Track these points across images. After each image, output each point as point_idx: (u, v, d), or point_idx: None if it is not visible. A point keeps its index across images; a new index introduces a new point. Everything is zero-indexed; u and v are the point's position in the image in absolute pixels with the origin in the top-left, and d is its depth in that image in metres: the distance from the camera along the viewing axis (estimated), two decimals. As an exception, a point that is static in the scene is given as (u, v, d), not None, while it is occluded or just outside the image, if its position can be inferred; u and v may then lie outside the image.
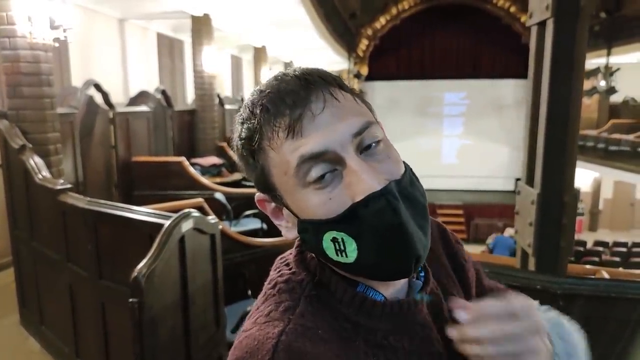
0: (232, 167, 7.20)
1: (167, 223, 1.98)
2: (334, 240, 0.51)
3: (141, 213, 2.50)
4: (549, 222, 1.83)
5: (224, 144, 7.62)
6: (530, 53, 1.92)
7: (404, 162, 0.56)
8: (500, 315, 0.48)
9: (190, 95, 8.67)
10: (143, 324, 1.71)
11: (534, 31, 1.83)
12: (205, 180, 5.83)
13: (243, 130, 0.55)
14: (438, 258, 0.68)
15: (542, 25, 1.78)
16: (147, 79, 7.74)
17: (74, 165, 4.70)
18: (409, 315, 0.56)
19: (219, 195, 5.24)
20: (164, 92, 6.37)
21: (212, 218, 2.42)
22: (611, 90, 11.19)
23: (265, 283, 0.60)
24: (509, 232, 8.15)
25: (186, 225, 2.05)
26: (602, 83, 10.95)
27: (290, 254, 0.62)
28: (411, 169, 0.56)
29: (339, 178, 0.51)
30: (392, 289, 0.57)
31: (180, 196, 5.01)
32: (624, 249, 10.77)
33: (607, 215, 15.18)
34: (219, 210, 4.85)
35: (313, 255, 0.58)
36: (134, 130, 5.77)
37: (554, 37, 1.68)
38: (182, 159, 5.79)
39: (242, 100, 9.96)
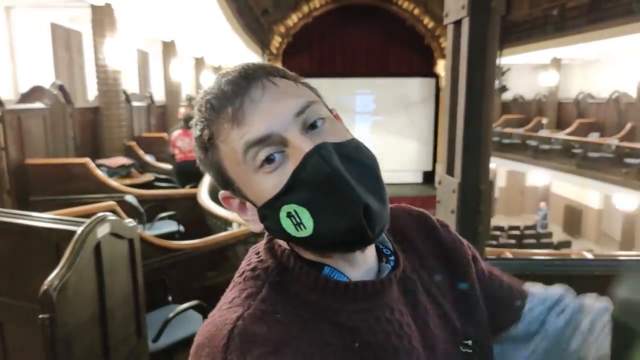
0: (142, 167, 6.81)
1: (79, 229, 1.80)
2: (289, 215, 0.51)
3: (45, 220, 2.25)
4: (468, 209, 1.93)
5: (133, 143, 7.18)
6: (447, 51, 2.01)
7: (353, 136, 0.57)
8: None
9: (91, 92, 8.03)
10: (56, 343, 1.54)
11: (450, 30, 1.91)
12: (113, 182, 5.44)
13: (196, 131, 0.57)
14: (414, 245, 0.68)
15: (458, 24, 1.87)
16: (41, 73, 7.03)
17: (-46, 170, 4.14)
18: (375, 297, 0.56)
19: (129, 198, 4.92)
20: (61, 88, 5.83)
21: (129, 221, 2.26)
22: (503, 89, 12.28)
23: (236, 272, 0.60)
24: None
25: (102, 231, 1.88)
26: (495, 82, 11.99)
27: (263, 243, 0.62)
28: (360, 142, 0.57)
29: (287, 159, 0.52)
30: (361, 271, 0.57)
31: (85, 200, 4.64)
32: (517, 232, 11.94)
33: (502, 202, 16.68)
34: (131, 213, 4.55)
35: (281, 243, 0.59)
36: (28, 130, 5.21)
37: (470, 35, 1.77)
38: (86, 160, 5.35)
39: (151, 97, 9.48)
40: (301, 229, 0.51)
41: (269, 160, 0.52)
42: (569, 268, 1.96)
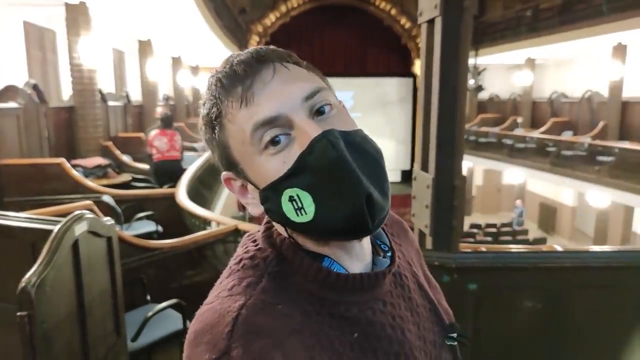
0: (119, 167, 6.72)
1: (57, 227, 1.78)
2: (291, 199, 0.51)
3: (20, 219, 2.22)
4: (443, 204, 1.98)
5: (109, 143, 7.08)
6: (421, 50, 2.05)
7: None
8: None
9: (66, 91, 7.87)
10: (35, 340, 1.53)
11: (424, 29, 1.96)
12: (89, 182, 5.36)
13: (204, 110, 0.57)
14: (406, 243, 0.73)
15: (431, 23, 1.91)
16: (14, 72, 6.86)
17: None
18: (371, 289, 0.58)
19: (106, 198, 4.86)
20: (35, 87, 5.71)
21: (107, 219, 2.24)
22: (479, 88, 12.49)
23: (231, 259, 0.60)
24: None
25: (79, 229, 1.87)
26: (472, 82, 12.18)
27: (259, 231, 0.62)
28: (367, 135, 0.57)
29: (293, 142, 0.52)
30: (359, 264, 0.59)
31: (61, 201, 4.55)
32: (494, 230, 12.16)
33: (479, 200, 16.94)
34: (108, 214, 4.49)
35: (280, 232, 0.59)
36: (1, 130, 5.10)
37: (443, 34, 1.82)
38: (62, 160, 5.26)
39: (127, 96, 9.34)
40: (301, 214, 0.51)
41: (274, 142, 0.52)
42: (539, 260, 2.03)
